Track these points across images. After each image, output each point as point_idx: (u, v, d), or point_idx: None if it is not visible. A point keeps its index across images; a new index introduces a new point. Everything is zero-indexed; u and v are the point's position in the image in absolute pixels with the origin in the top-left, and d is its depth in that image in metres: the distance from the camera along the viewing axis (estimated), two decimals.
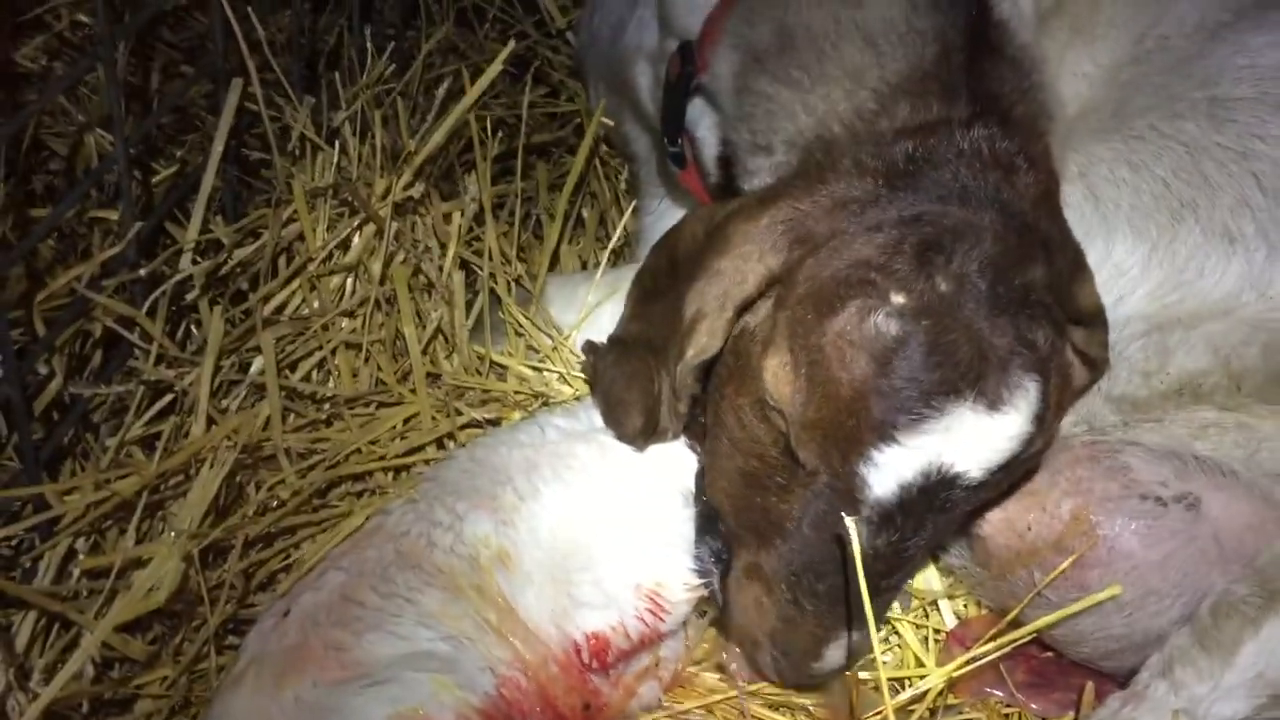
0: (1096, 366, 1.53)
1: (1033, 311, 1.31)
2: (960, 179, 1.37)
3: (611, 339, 1.69)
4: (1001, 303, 1.29)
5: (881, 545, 1.33)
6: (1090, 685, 1.60)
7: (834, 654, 1.43)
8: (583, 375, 1.87)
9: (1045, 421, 1.32)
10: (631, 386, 1.57)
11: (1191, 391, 1.56)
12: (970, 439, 1.27)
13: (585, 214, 2.34)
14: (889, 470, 1.27)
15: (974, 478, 1.30)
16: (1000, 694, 1.70)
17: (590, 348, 1.75)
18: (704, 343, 1.42)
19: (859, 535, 1.27)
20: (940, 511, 1.34)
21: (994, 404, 1.26)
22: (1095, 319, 1.49)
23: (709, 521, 1.53)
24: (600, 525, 1.54)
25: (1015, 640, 1.57)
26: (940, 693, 1.64)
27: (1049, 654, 1.72)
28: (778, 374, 1.33)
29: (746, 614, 1.48)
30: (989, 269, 1.29)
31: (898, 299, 1.27)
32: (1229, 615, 1.42)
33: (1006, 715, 1.69)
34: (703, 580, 1.51)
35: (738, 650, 1.59)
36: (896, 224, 1.33)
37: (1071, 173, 1.65)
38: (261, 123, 1.83)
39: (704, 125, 1.77)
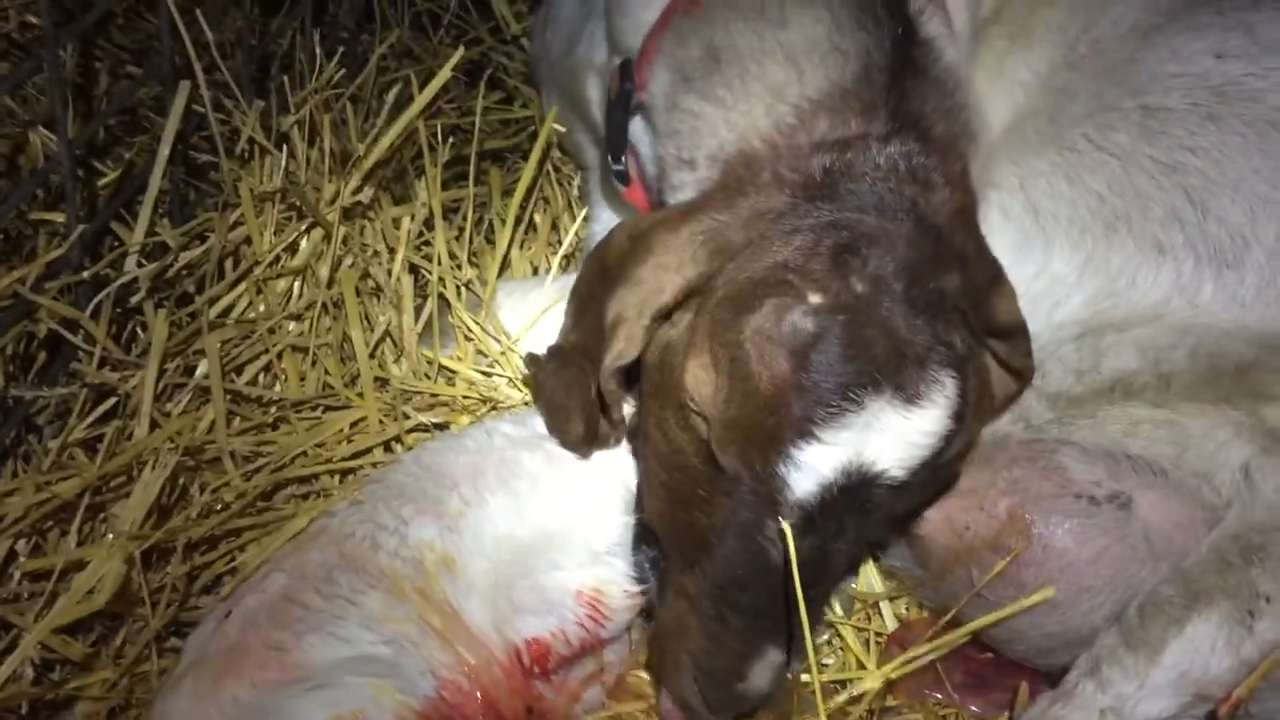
0: (1022, 376, 1.56)
1: (948, 315, 1.32)
2: (876, 191, 1.39)
3: (551, 349, 1.70)
4: (918, 304, 1.30)
5: (805, 550, 1.30)
6: (1025, 685, 1.63)
7: (760, 674, 1.40)
8: (525, 386, 1.88)
9: (964, 419, 1.32)
10: (571, 394, 1.57)
11: (1123, 389, 1.59)
12: (890, 434, 1.27)
13: (538, 220, 2.35)
14: (809, 469, 1.27)
15: (895, 476, 1.30)
16: (939, 695, 1.73)
17: (531, 360, 1.75)
18: (620, 349, 1.42)
19: (789, 539, 1.27)
20: (863, 513, 1.33)
21: (912, 398, 1.27)
22: (1017, 331, 1.50)
23: (647, 529, 1.54)
24: (543, 533, 1.56)
25: (951, 641, 1.59)
26: (879, 694, 1.67)
27: (988, 655, 1.75)
28: (697, 374, 1.33)
29: (671, 638, 1.46)
30: (904, 273, 1.31)
31: (814, 298, 1.28)
32: (1155, 615, 1.46)
33: (944, 716, 1.71)
34: (641, 588, 1.53)
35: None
36: (813, 229, 1.35)
37: (1012, 185, 1.69)
38: (210, 125, 1.83)
39: (645, 144, 1.79)
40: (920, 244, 1.34)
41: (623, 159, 1.81)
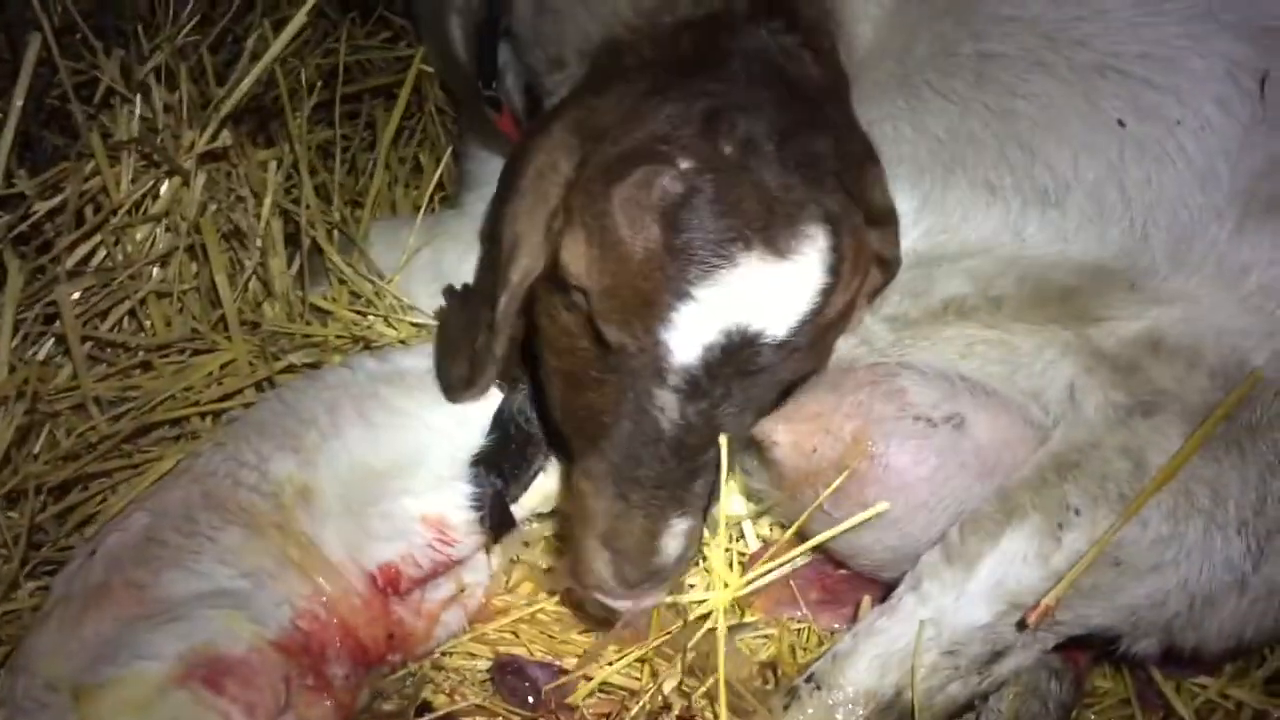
0: (890, 266, 1.57)
1: (822, 177, 1.31)
2: (744, 63, 1.39)
3: (464, 285, 1.70)
4: (789, 164, 1.29)
5: (693, 415, 1.32)
6: (867, 599, 1.71)
7: (671, 544, 1.40)
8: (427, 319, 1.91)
9: (839, 275, 1.32)
10: (467, 334, 1.59)
11: (956, 310, 1.65)
12: (764, 289, 1.27)
13: (423, 159, 2.37)
14: (689, 331, 1.27)
15: (775, 334, 1.30)
16: (798, 613, 1.81)
17: (449, 291, 1.74)
18: (526, 265, 1.42)
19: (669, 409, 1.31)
20: (748, 375, 1.33)
21: (784, 252, 1.27)
22: (887, 217, 1.50)
23: (490, 454, 1.60)
24: (395, 461, 1.61)
25: (792, 558, 1.66)
26: (733, 610, 1.75)
27: (842, 571, 1.83)
28: (572, 249, 1.32)
29: (577, 526, 1.46)
30: (775, 135, 1.30)
31: (683, 163, 1.27)
32: (973, 530, 1.54)
33: (798, 630, 1.80)
34: (479, 514, 1.59)
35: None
36: (681, 99, 1.33)
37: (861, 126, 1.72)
38: (76, 71, 1.84)
39: (512, 74, 1.80)
40: (791, 109, 1.34)
41: (494, 85, 1.82)
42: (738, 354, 1.29)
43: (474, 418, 1.66)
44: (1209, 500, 1.51)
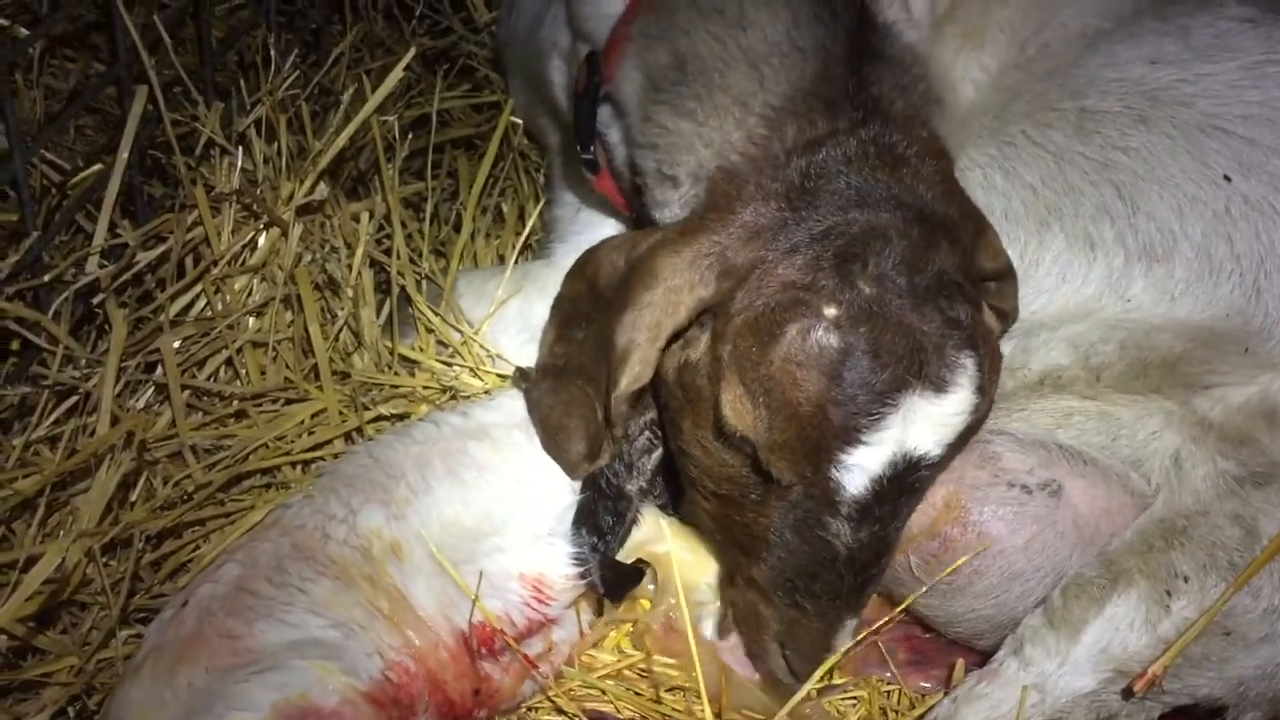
0: (1007, 317, 1.61)
1: (949, 292, 1.38)
2: (854, 185, 1.43)
3: (543, 367, 1.72)
4: (921, 292, 1.36)
5: (865, 537, 1.41)
6: (961, 663, 1.68)
7: (841, 639, 1.51)
8: (511, 382, 1.91)
9: (986, 390, 1.40)
10: (571, 414, 1.62)
11: (1053, 383, 1.63)
12: (926, 423, 1.36)
13: (505, 208, 2.39)
14: (859, 470, 1.35)
15: (936, 455, 1.39)
16: (886, 674, 1.78)
17: (522, 375, 1.78)
18: (638, 372, 1.48)
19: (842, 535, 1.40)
20: (911, 492, 1.43)
21: (940, 387, 1.35)
22: (1005, 274, 1.56)
23: (587, 512, 1.59)
24: (487, 518, 1.61)
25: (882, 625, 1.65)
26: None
27: (930, 634, 1.80)
28: (736, 407, 1.39)
29: (748, 625, 1.59)
30: (903, 265, 1.37)
31: (830, 311, 1.34)
32: (1077, 596, 1.51)
33: (887, 692, 1.77)
34: (580, 569, 1.58)
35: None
36: (810, 243, 1.40)
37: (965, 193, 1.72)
38: (176, 123, 1.87)
39: (613, 132, 1.81)
40: (908, 230, 1.39)
41: (591, 149, 1.84)
42: (904, 478, 1.39)
43: (561, 473, 1.66)
44: None
